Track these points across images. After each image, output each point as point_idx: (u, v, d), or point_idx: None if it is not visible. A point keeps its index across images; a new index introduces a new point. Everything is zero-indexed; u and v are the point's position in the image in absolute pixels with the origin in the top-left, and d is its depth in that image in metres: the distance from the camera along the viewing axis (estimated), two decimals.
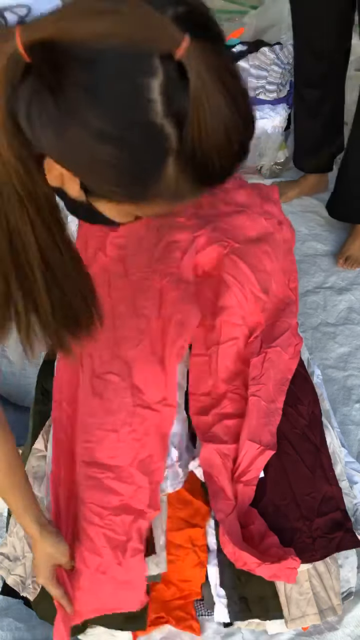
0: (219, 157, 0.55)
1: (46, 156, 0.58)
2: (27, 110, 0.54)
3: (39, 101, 0.53)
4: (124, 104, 0.52)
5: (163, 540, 1.17)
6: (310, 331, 1.79)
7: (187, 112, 0.52)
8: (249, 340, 1.35)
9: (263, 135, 2.11)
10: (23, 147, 0.56)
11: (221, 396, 1.29)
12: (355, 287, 1.91)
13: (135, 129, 0.53)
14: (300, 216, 2.09)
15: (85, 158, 0.55)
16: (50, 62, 0.52)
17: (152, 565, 1.14)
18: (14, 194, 0.58)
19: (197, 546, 1.18)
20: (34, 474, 1.25)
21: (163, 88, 0.51)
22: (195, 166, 0.55)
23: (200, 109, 0.51)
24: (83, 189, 0.61)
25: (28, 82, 0.53)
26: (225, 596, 1.15)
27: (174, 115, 0.52)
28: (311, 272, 1.94)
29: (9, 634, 1.25)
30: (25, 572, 1.17)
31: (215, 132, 0.53)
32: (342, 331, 1.80)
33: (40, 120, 0.53)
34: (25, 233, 0.61)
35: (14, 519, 1.23)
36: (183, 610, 1.17)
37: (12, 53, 0.52)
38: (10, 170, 0.57)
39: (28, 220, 0.61)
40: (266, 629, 1.19)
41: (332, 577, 1.17)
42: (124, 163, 0.54)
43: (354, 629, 1.23)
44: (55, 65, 0.52)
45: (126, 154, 0.53)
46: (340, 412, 1.61)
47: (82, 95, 0.52)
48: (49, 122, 0.53)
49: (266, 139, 2.13)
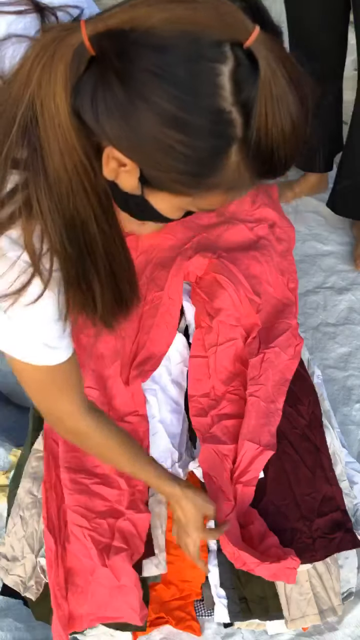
0: (284, 147, 0.55)
1: (105, 148, 0.58)
2: (92, 97, 0.54)
3: (105, 86, 0.53)
4: (194, 88, 0.52)
5: (162, 541, 1.17)
6: (310, 331, 1.79)
7: (254, 100, 0.52)
8: (247, 341, 1.35)
9: None
10: (87, 142, 0.57)
11: (220, 397, 1.30)
12: (355, 287, 1.90)
13: (203, 114, 0.53)
14: (300, 216, 2.09)
15: (150, 144, 0.55)
16: (118, 50, 0.52)
17: (151, 566, 1.14)
18: (81, 187, 0.60)
19: None
20: (34, 474, 1.25)
21: (233, 75, 0.52)
22: (259, 155, 0.55)
23: (268, 97, 0.52)
24: (141, 181, 0.61)
25: (92, 72, 0.54)
26: (225, 596, 1.15)
27: (241, 103, 0.53)
28: (311, 272, 1.94)
29: (9, 634, 1.25)
30: (26, 573, 1.17)
31: (282, 120, 0.53)
32: (343, 331, 1.80)
33: (106, 105, 0.54)
34: (90, 225, 0.63)
35: (12, 519, 1.23)
36: (183, 610, 1.17)
37: (77, 46, 0.53)
38: (77, 165, 0.58)
39: (92, 212, 0.62)
40: (266, 629, 1.19)
41: (333, 578, 1.17)
42: (189, 149, 0.54)
43: (354, 629, 1.23)
44: (122, 52, 0.52)
45: (192, 140, 0.54)
46: (340, 412, 1.61)
47: (151, 78, 0.52)
48: (115, 107, 0.53)
49: None
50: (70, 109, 0.55)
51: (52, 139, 0.57)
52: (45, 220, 0.60)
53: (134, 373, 1.31)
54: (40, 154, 0.58)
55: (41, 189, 0.59)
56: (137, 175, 0.60)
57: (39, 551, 1.17)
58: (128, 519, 1.13)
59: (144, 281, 1.44)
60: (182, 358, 1.37)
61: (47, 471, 1.21)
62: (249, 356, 1.32)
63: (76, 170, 0.58)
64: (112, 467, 1.16)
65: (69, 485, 1.16)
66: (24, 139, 0.57)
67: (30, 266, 0.63)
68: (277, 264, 1.51)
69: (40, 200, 0.59)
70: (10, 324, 0.67)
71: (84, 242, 0.64)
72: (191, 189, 0.59)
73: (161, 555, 1.16)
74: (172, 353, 1.36)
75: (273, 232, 1.57)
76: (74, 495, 1.15)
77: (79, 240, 0.64)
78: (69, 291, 0.68)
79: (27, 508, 1.21)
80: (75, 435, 0.93)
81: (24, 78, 0.56)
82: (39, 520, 1.18)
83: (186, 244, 1.50)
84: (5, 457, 1.53)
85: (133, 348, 1.35)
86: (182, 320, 1.42)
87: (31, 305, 0.65)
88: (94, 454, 1.03)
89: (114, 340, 1.34)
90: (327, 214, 2.08)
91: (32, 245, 0.62)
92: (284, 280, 1.50)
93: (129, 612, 1.08)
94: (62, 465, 1.19)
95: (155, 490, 1.11)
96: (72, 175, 0.59)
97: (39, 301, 0.65)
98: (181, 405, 1.31)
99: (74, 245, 0.63)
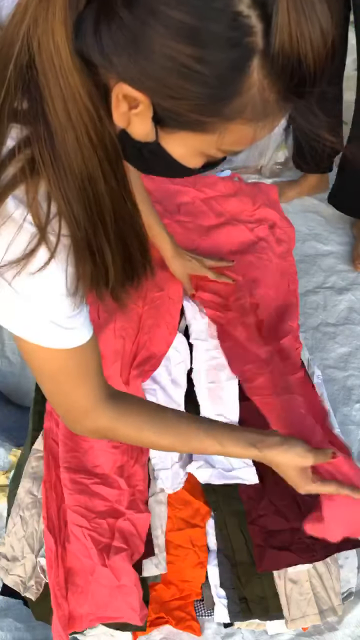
0: (312, 54, 0.48)
1: (112, 88, 0.53)
2: (95, 28, 0.49)
3: (109, 12, 0.48)
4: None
5: (162, 541, 1.17)
6: (310, 331, 1.79)
7: (275, 2, 0.46)
8: None
9: None
10: (92, 84, 0.52)
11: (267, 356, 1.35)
12: (355, 287, 1.90)
13: (217, 19, 0.46)
14: (300, 216, 2.09)
15: (163, 67, 0.48)
16: None
17: (151, 566, 1.15)
18: (87, 140, 0.54)
19: (197, 546, 1.17)
20: (34, 474, 1.25)
21: None
22: (284, 71, 0.48)
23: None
24: (155, 121, 0.54)
25: (94, 2, 0.49)
26: (225, 596, 1.15)
27: (260, 5, 0.46)
28: (311, 272, 1.94)
29: (9, 634, 1.25)
30: (26, 573, 1.17)
31: (309, 26, 0.47)
32: (343, 331, 1.80)
33: (111, 33, 0.48)
34: (99, 181, 0.57)
35: (12, 519, 1.23)
36: (183, 610, 1.17)
37: None
38: (82, 111, 0.52)
39: (99, 167, 0.56)
40: (266, 629, 1.19)
41: (333, 578, 1.17)
42: (205, 65, 0.48)
43: (354, 629, 1.23)
44: None
45: (209, 52, 0.47)
46: (340, 412, 1.61)
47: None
48: (121, 32, 0.48)
49: (266, 139, 2.13)
50: (71, 47, 0.50)
51: (52, 84, 0.51)
52: (49, 177, 0.55)
53: (134, 373, 1.31)
54: (40, 103, 0.52)
55: (44, 142, 0.54)
56: (150, 115, 0.54)
57: (39, 551, 1.17)
58: (128, 519, 1.13)
59: None
60: (182, 358, 1.37)
61: (47, 471, 1.21)
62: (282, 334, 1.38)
63: (81, 118, 0.53)
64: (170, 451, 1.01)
65: (69, 485, 1.16)
66: (22, 85, 0.52)
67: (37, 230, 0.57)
68: (277, 265, 1.51)
69: (43, 155, 0.54)
70: (16, 298, 0.60)
71: (92, 202, 0.58)
72: (211, 117, 0.52)
73: (161, 555, 1.16)
74: (172, 353, 1.36)
75: (273, 233, 1.58)
76: (74, 495, 1.15)
77: (86, 199, 0.57)
78: (79, 259, 0.61)
79: (27, 508, 1.21)
80: (99, 434, 0.83)
81: (20, 16, 0.50)
82: (39, 520, 1.18)
83: (186, 245, 1.50)
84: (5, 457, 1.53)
85: (133, 348, 1.35)
86: (182, 320, 1.42)
87: (38, 273, 0.58)
88: (132, 442, 0.90)
89: (114, 340, 1.34)
90: (327, 214, 2.08)
91: (38, 207, 0.56)
92: (285, 282, 1.50)
93: (129, 612, 1.08)
94: (62, 465, 1.19)
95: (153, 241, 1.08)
96: (76, 124, 0.53)
97: (46, 270, 0.58)
98: (181, 405, 1.31)
99: (81, 205, 0.57)
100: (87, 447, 1.22)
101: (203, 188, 1.65)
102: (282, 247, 1.58)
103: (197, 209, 1.60)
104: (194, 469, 1.22)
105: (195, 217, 1.58)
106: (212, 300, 1.43)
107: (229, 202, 1.62)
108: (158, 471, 1.21)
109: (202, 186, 1.65)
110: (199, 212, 1.59)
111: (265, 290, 1.46)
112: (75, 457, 1.20)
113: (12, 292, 0.59)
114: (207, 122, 0.52)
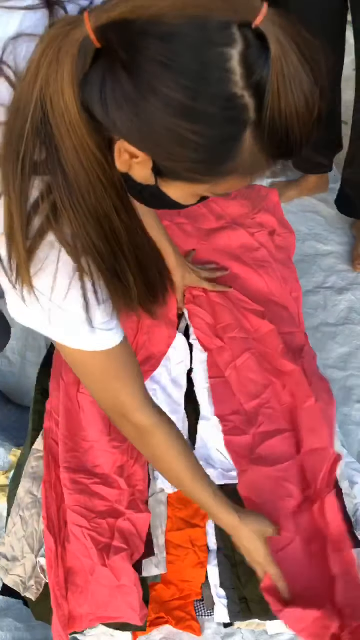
0: (299, 125, 0.54)
1: (116, 142, 0.58)
2: (100, 91, 0.53)
3: (113, 79, 0.52)
4: (204, 76, 0.51)
5: (162, 541, 1.17)
6: (310, 331, 1.79)
7: (266, 81, 0.51)
8: (270, 350, 1.33)
9: None
10: (99, 136, 0.57)
11: (253, 413, 1.27)
12: (355, 287, 1.90)
13: (215, 102, 0.51)
14: (300, 216, 2.09)
15: (162, 135, 0.54)
16: (123, 41, 0.51)
17: (151, 566, 1.15)
18: (99, 183, 0.60)
19: (197, 546, 1.17)
20: (34, 474, 1.25)
21: (242, 57, 0.51)
22: (274, 137, 0.54)
23: (280, 76, 0.51)
24: (154, 172, 0.61)
25: (99, 65, 0.53)
26: (225, 596, 1.15)
27: (253, 86, 0.51)
28: (311, 272, 1.94)
29: (9, 634, 1.25)
30: (26, 573, 1.17)
31: (296, 98, 0.52)
32: (343, 331, 1.80)
33: (116, 99, 0.53)
34: (113, 217, 0.63)
35: (12, 519, 1.23)
36: (183, 610, 1.17)
37: (82, 40, 0.52)
38: (92, 159, 0.58)
39: (112, 205, 0.62)
40: (266, 629, 1.19)
41: None
42: (203, 137, 0.53)
43: None
44: (128, 43, 0.51)
45: (205, 128, 0.53)
46: (340, 412, 1.61)
47: (158, 69, 0.51)
48: (124, 100, 0.53)
49: None
50: (79, 105, 0.55)
51: (65, 136, 0.56)
52: (70, 219, 0.61)
53: None
54: (56, 154, 0.58)
55: (62, 189, 0.59)
56: (150, 166, 0.60)
57: (39, 551, 1.17)
58: (128, 519, 1.13)
59: None
60: (183, 358, 1.37)
61: (47, 471, 1.21)
62: (286, 365, 1.30)
63: (91, 165, 0.58)
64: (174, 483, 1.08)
65: (69, 485, 1.16)
66: (39, 139, 0.57)
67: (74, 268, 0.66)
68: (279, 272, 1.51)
69: (63, 200, 0.60)
70: (60, 313, 0.69)
71: (110, 236, 0.65)
72: (206, 176, 0.58)
73: (161, 555, 1.16)
74: (172, 353, 1.36)
75: (273, 240, 1.57)
76: (74, 495, 1.15)
77: (106, 234, 0.64)
78: (109, 285, 0.70)
79: (27, 508, 1.21)
80: (140, 432, 0.91)
81: (32, 77, 0.56)
82: (39, 520, 1.18)
83: (186, 249, 1.50)
84: (5, 457, 1.53)
85: (132, 348, 1.34)
86: (182, 320, 1.42)
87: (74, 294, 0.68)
88: (155, 458, 0.98)
89: None
90: (327, 214, 2.08)
91: (68, 246, 0.64)
92: (288, 289, 1.49)
93: (129, 612, 1.08)
94: (62, 465, 1.19)
95: (212, 518, 1.09)
96: (88, 170, 0.59)
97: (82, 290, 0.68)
98: (181, 405, 1.31)
99: (102, 240, 0.64)
100: (87, 447, 1.22)
101: None
102: (283, 253, 1.57)
103: (197, 212, 1.60)
104: None
105: (195, 220, 1.58)
106: (202, 320, 1.40)
107: (229, 205, 1.61)
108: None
109: None
110: (198, 215, 1.59)
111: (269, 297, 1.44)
112: (75, 457, 1.20)
113: (57, 308, 0.69)
114: (203, 179, 0.59)
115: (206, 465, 1.22)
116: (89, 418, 1.24)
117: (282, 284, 1.48)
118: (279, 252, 1.56)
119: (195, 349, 1.39)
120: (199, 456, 1.24)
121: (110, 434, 1.22)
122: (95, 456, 1.21)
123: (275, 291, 1.46)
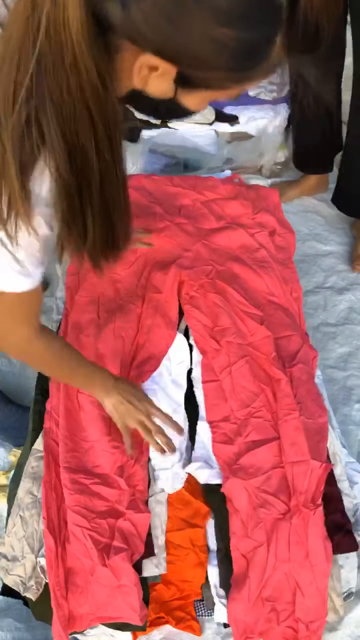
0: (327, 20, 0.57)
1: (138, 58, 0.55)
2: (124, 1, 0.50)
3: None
4: None
5: (162, 541, 1.17)
6: (310, 331, 1.79)
7: None
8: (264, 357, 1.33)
9: (263, 135, 2.11)
10: (103, 52, 0.54)
11: (243, 421, 1.26)
12: (355, 287, 1.91)
13: (254, 5, 0.52)
14: (300, 216, 2.09)
15: (200, 45, 0.52)
16: None
17: (151, 566, 1.15)
18: (85, 111, 0.57)
19: (197, 546, 1.18)
20: (34, 474, 1.25)
21: None
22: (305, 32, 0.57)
23: None
24: (177, 82, 0.58)
25: None
26: (225, 596, 1.15)
27: None
28: (311, 272, 1.94)
29: (9, 634, 1.25)
30: (26, 573, 1.17)
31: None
32: (343, 331, 1.80)
33: (144, 10, 0.50)
34: (88, 152, 0.60)
35: (12, 519, 1.23)
36: (183, 610, 1.17)
37: None
38: (85, 83, 0.55)
39: (93, 138, 0.59)
40: None
41: (333, 578, 1.17)
42: (242, 43, 0.53)
43: (354, 630, 1.23)
44: None
45: (244, 33, 0.52)
46: (340, 412, 1.61)
47: None
48: (159, 12, 0.51)
49: (266, 139, 2.13)
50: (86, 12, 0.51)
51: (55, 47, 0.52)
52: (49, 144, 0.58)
53: (133, 373, 1.31)
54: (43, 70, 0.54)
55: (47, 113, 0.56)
56: (172, 78, 0.58)
57: (39, 551, 1.17)
58: (128, 519, 1.14)
59: (142, 282, 1.44)
60: (183, 358, 1.37)
61: (47, 471, 1.21)
62: (276, 373, 1.29)
63: (81, 91, 0.55)
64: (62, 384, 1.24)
65: (69, 485, 1.16)
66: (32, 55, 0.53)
67: None
68: (279, 272, 1.50)
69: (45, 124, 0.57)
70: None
71: (80, 169, 0.61)
72: (236, 82, 0.58)
73: (161, 555, 1.16)
74: (172, 353, 1.36)
75: (273, 240, 1.57)
76: (74, 495, 1.15)
77: (77, 167, 0.61)
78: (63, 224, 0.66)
79: (27, 508, 1.21)
80: (28, 356, 0.99)
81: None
82: (39, 520, 1.18)
83: (185, 249, 1.49)
84: (5, 457, 1.53)
85: (132, 348, 1.35)
86: (182, 321, 1.42)
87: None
88: (38, 370, 1.16)
89: (113, 340, 1.34)
90: (327, 214, 2.08)
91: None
92: (288, 289, 1.49)
93: (129, 612, 1.08)
94: (62, 465, 1.19)
95: (88, 391, 1.19)
96: (75, 97, 0.55)
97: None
98: (181, 405, 1.31)
99: (72, 172, 0.61)
100: (88, 447, 1.22)
101: (203, 191, 1.65)
102: (283, 254, 1.57)
103: (197, 212, 1.60)
104: (193, 469, 1.22)
105: (195, 220, 1.58)
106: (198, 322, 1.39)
107: (229, 205, 1.61)
108: (158, 471, 1.21)
109: (202, 189, 1.65)
110: (199, 215, 1.59)
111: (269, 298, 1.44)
112: (75, 457, 1.20)
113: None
114: (231, 85, 0.58)
115: (205, 465, 1.22)
116: (89, 418, 1.24)
117: (282, 284, 1.48)
118: (279, 252, 1.56)
119: (195, 350, 1.39)
120: (199, 456, 1.24)
121: (110, 434, 1.22)
122: (95, 456, 1.21)
123: (275, 291, 1.46)
